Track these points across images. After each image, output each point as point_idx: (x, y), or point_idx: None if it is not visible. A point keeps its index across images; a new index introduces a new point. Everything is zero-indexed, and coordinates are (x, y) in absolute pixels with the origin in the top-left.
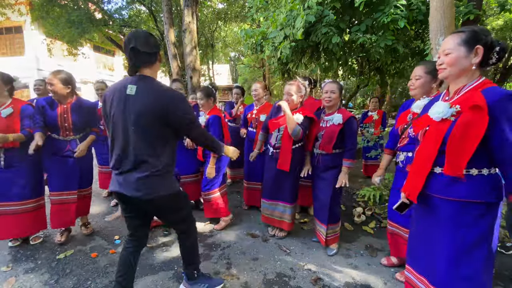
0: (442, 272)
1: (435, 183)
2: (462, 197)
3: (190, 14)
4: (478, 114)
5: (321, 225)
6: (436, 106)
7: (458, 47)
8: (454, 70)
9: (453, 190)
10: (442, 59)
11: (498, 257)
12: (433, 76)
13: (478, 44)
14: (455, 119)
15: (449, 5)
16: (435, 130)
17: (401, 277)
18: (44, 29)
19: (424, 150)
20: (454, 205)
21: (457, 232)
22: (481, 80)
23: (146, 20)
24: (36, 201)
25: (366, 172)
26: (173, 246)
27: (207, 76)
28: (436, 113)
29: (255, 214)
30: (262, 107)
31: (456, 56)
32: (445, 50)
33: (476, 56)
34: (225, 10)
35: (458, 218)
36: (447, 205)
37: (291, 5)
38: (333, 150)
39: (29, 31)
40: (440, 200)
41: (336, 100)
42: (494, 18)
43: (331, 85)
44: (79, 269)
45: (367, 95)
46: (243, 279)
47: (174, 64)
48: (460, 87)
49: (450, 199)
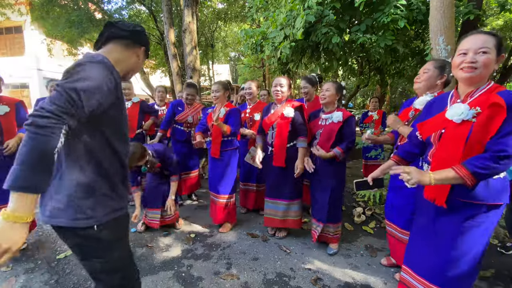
0: (445, 271)
1: (454, 187)
2: (483, 199)
3: (190, 14)
4: (497, 111)
5: (318, 223)
6: (455, 108)
7: (494, 49)
8: (485, 72)
9: (475, 192)
10: (475, 57)
11: (498, 257)
12: (441, 72)
13: (502, 53)
14: (474, 121)
15: (449, 5)
16: (454, 133)
17: (399, 277)
18: (44, 29)
19: (446, 153)
20: (469, 207)
21: (469, 234)
22: (492, 84)
23: (146, 20)
24: None
25: (366, 172)
26: (173, 246)
27: (207, 76)
28: (456, 115)
29: (255, 214)
30: (255, 106)
31: (492, 58)
32: (483, 48)
33: (498, 63)
34: (225, 10)
35: (473, 221)
36: (464, 207)
37: (291, 5)
38: (331, 149)
39: (29, 31)
40: (459, 202)
41: (331, 98)
42: (494, 18)
43: (327, 84)
44: (79, 269)
45: (367, 95)
46: (243, 279)
47: (174, 64)
48: (472, 91)
49: (470, 202)
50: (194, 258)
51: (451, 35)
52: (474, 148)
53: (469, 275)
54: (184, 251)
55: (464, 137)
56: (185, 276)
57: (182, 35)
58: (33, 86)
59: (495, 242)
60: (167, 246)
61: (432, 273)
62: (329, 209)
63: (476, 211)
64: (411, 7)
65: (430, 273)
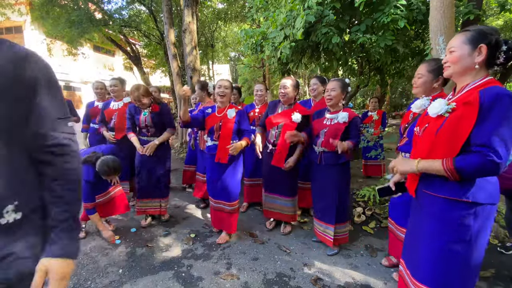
0: (422, 266)
1: (425, 179)
2: (449, 194)
3: (190, 14)
4: (468, 110)
5: (327, 226)
6: (434, 103)
7: (462, 45)
8: (457, 68)
9: (442, 187)
10: (446, 57)
11: (498, 257)
12: (435, 75)
13: (482, 43)
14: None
15: (449, 5)
16: (429, 127)
17: (397, 277)
18: (44, 29)
19: (420, 146)
20: (441, 202)
21: (441, 229)
22: (485, 79)
23: (146, 20)
24: None
25: (366, 172)
26: (173, 246)
27: (207, 76)
28: (432, 109)
29: (255, 214)
30: (263, 106)
31: (460, 54)
32: (450, 48)
33: (480, 55)
34: (225, 10)
35: (444, 215)
36: (435, 201)
37: (291, 5)
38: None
39: (29, 31)
40: (429, 196)
41: (337, 98)
42: (494, 18)
43: (331, 83)
44: (79, 269)
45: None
46: (243, 279)
47: (174, 64)
48: (463, 86)
49: (438, 196)
50: (194, 258)
51: (451, 35)
52: (439, 144)
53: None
54: (184, 251)
55: (433, 131)
56: (185, 276)
57: (182, 35)
58: None
59: (495, 242)
60: (167, 246)
61: (414, 265)
62: (337, 207)
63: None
64: (411, 7)
65: (412, 265)
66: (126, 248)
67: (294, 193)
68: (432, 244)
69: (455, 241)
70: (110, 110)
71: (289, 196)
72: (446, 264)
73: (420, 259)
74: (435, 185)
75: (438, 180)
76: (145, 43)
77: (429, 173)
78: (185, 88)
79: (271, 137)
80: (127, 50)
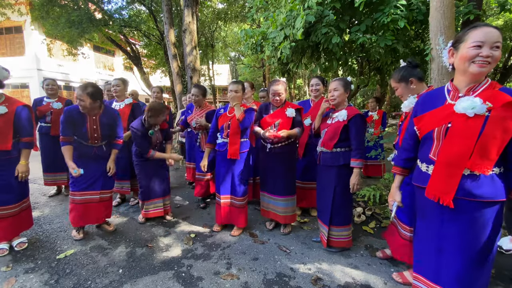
0: (463, 274)
1: (463, 185)
2: (489, 197)
3: (190, 14)
4: (510, 110)
5: (323, 225)
6: (466, 101)
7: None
8: (493, 67)
9: (482, 190)
10: (491, 52)
11: (498, 257)
12: (406, 82)
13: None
14: (487, 115)
15: (449, 5)
16: (465, 127)
17: (397, 278)
18: (44, 29)
19: (455, 148)
20: (477, 206)
21: (480, 233)
22: (490, 80)
23: (146, 20)
24: (19, 204)
25: (366, 172)
26: (173, 246)
27: (207, 76)
28: (469, 108)
29: (255, 214)
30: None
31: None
32: (497, 42)
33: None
34: (225, 10)
35: (482, 219)
36: (472, 206)
37: (291, 5)
38: (334, 148)
39: (29, 31)
40: (465, 201)
41: (341, 97)
42: (494, 18)
43: (333, 83)
44: (79, 269)
45: (367, 95)
46: (243, 279)
47: (174, 64)
48: (474, 85)
49: (475, 200)
50: (194, 258)
51: (451, 35)
52: (487, 144)
53: (486, 277)
54: (184, 251)
55: (477, 131)
56: (185, 276)
57: (182, 35)
58: (33, 86)
59: None
60: (167, 246)
61: (448, 278)
62: (332, 209)
63: (483, 208)
64: (411, 7)
65: (446, 279)
66: (126, 248)
67: (292, 192)
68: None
69: (492, 241)
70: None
71: (287, 195)
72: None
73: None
74: (476, 190)
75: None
76: (145, 43)
77: (467, 179)
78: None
79: None
80: (127, 50)
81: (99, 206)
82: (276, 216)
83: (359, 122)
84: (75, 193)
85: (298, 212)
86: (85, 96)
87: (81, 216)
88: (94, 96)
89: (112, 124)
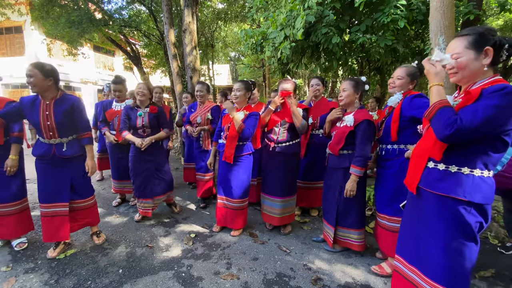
0: (433, 264)
1: (426, 177)
2: (447, 192)
3: (190, 14)
4: (467, 100)
5: (328, 226)
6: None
7: (467, 50)
8: (466, 73)
9: (440, 184)
10: (451, 64)
11: (498, 257)
12: (412, 79)
13: (487, 46)
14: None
15: (449, 5)
16: None
17: (376, 270)
18: (44, 29)
19: (423, 143)
20: (443, 199)
21: (445, 226)
22: (493, 78)
23: (146, 20)
24: (19, 203)
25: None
26: (173, 246)
27: (207, 76)
28: None
29: (255, 214)
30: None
31: (466, 59)
32: (453, 54)
33: (487, 57)
34: (225, 10)
35: (445, 212)
36: (436, 199)
37: (291, 5)
38: (340, 152)
39: (29, 31)
40: (428, 193)
41: (349, 98)
42: (494, 18)
43: (343, 83)
44: (79, 269)
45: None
46: (243, 279)
47: (174, 64)
48: (470, 85)
49: (436, 193)
50: (194, 258)
51: (451, 35)
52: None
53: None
54: (184, 251)
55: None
56: (185, 276)
57: (182, 35)
58: None
59: (495, 242)
60: (167, 246)
61: (422, 262)
62: (337, 210)
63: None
64: (411, 7)
65: (420, 262)
66: (126, 248)
67: (292, 192)
68: (439, 241)
69: (459, 237)
70: (112, 111)
71: (286, 196)
72: (453, 260)
73: (429, 257)
74: (436, 183)
75: (438, 178)
76: (145, 43)
77: (430, 172)
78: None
79: (275, 134)
80: (127, 50)
81: (66, 220)
82: (272, 219)
83: (366, 129)
84: (41, 205)
85: (298, 212)
86: (35, 71)
87: (50, 231)
88: (46, 72)
89: (69, 112)
